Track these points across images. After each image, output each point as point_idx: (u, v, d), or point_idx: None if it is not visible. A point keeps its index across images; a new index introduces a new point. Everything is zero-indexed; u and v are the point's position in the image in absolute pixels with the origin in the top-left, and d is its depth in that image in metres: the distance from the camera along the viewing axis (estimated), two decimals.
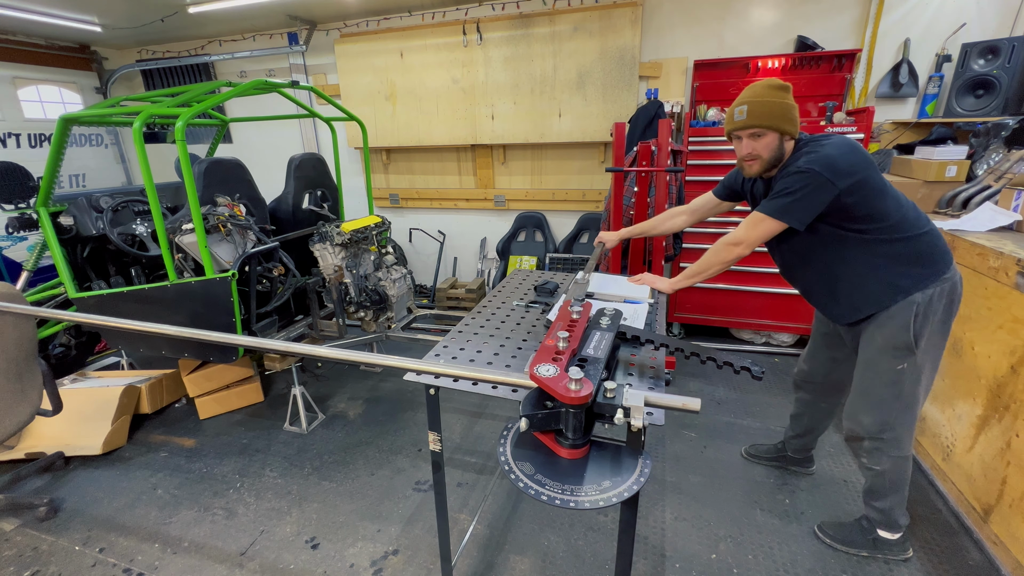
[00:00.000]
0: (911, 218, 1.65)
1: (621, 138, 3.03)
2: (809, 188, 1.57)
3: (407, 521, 2.26)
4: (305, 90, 4.31)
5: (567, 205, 4.55)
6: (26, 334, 2.17)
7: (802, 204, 1.60)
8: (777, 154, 1.68)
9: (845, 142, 1.61)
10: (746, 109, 1.66)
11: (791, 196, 1.60)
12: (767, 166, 1.71)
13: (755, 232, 1.69)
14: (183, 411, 3.26)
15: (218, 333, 1.47)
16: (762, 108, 1.63)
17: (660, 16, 3.83)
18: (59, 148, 2.75)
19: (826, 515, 2.20)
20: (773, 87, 1.66)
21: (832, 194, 1.57)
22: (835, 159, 1.56)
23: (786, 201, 1.61)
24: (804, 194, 1.58)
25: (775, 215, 1.64)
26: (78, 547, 2.20)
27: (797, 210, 1.61)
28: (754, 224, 1.69)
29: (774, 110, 1.63)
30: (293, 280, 3.05)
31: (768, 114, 1.63)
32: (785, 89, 1.66)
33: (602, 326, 1.48)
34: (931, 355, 1.72)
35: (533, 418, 1.12)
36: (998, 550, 1.89)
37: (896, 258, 1.65)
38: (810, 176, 1.57)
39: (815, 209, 1.60)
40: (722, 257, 1.78)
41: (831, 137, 1.66)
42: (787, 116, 1.64)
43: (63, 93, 5.36)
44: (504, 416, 3.07)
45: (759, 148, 1.68)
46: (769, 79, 1.69)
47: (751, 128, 1.66)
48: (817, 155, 1.59)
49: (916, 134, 3.42)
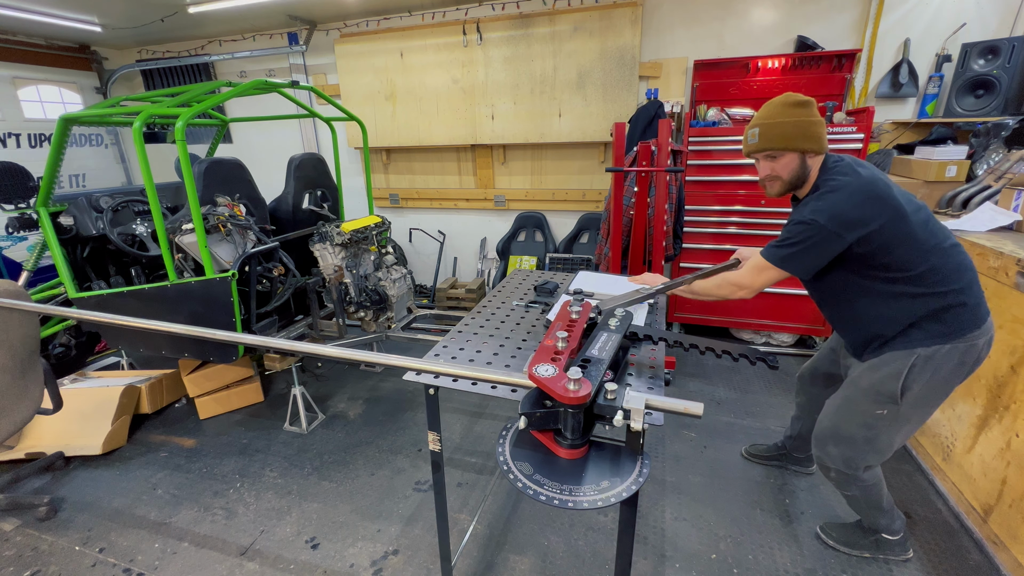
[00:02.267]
0: (943, 271, 1.50)
1: (621, 138, 3.03)
2: (812, 241, 1.51)
3: (407, 521, 2.26)
4: (305, 90, 4.31)
5: (567, 205, 4.55)
6: (31, 332, 2.18)
7: (805, 255, 1.55)
8: (799, 173, 1.61)
9: (864, 186, 1.48)
10: (758, 132, 1.60)
11: (793, 247, 1.55)
12: (789, 187, 1.65)
13: (759, 280, 1.66)
14: (183, 411, 3.26)
15: (219, 331, 1.47)
16: (775, 130, 1.58)
17: (660, 16, 3.83)
18: (59, 148, 2.75)
19: (826, 515, 2.20)
20: (789, 104, 1.58)
21: (840, 246, 1.50)
22: (844, 210, 1.47)
23: (789, 252, 1.57)
24: (807, 246, 1.52)
25: (777, 264, 1.60)
26: (78, 547, 2.20)
27: (799, 261, 1.56)
28: (759, 271, 1.65)
29: (788, 130, 1.56)
30: (293, 280, 3.05)
31: (782, 135, 1.57)
32: (803, 105, 1.57)
33: (610, 327, 1.47)
34: (920, 411, 1.65)
35: (532, 417, 1.12)
36: (998, 550, 1.89)
37: (914, 309, 1.54)
38: (814, 228, 1.49)
39: (820, 260, 1.55)
40: (723, 293, 1.76)
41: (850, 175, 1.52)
42: (805, 134, 1.55)
43: (63, 93, 5.36)
44: (504, 416, 3.07)
45: (778, 169, 1.62)
46: (787, 95, 1.60)
47: (764, 151, 1.62)
48: (826, 203, 1.50)
49: (916, 134, 3.42)
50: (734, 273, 1.75)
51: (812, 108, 1.57)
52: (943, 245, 1.52)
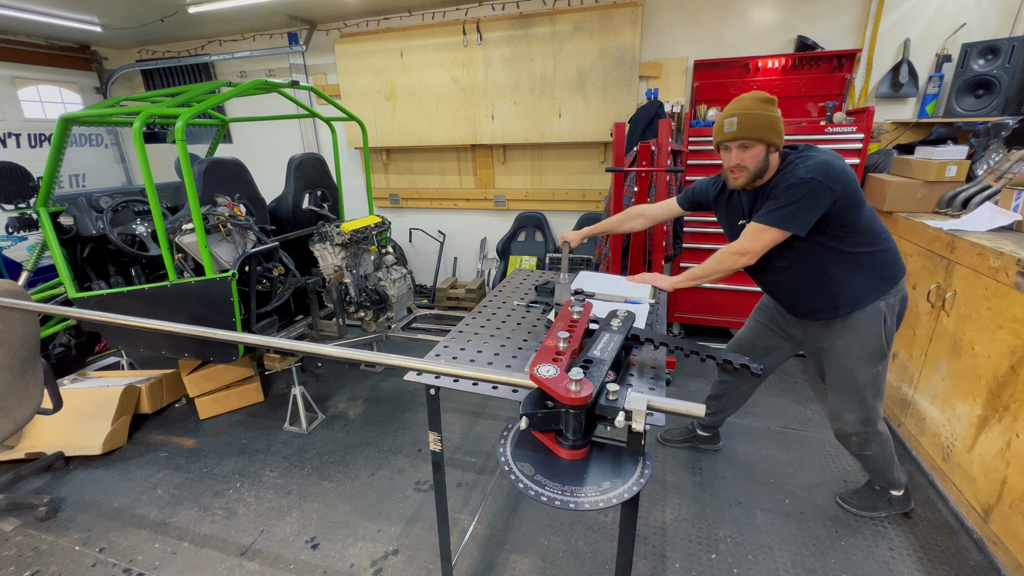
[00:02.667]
0: (878, 230, 1.78)
1: (621, 138, 3.03)
2: (812, 196, 1.63)
3: (407, 521, 2.26)
4: (305, 90, 4.31)
5: (567, 205, 4.55)
6: (31, 332, 2.18)
7: (805, 211, 1.65)
8: (763, 166, 1.73)
9: (833, 154, 1.71)
10: (736, 121, 1.69)
11: (795, 204, 1.65)
12: (752, 177, 1.76)
13: (760, 242, 1.74)
14: (183, 411, 3.26)
15: (219, 331, 1.47)
16: (752, 120, 1.67)
17: (660, 16, 3.83)
18: (59, 148, 2.75)
19: (827, 516, 2.20)
20: (761, 100, 1.70)
21: (830, 200, 1.64)
22: (831, 166, 1.64)
23: (791, 209, 1.66)
24: (807, 201, 1.64)
25: (780, 224, 1.69)
26: (78, 547, 2.20)
27: (800, 217, 1.66)
28: (759, 234, 1.73)
29: (762, 122, 1.67)
30: (293, 280, 3.05)
31: (757, 126, 1.67)
32: (772, 102, 1.71)
33: (613, 328, 1.47)
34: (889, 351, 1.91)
35: (533, 417, 1.12)
36: (998, 550, 1.89)
37: (866, 267, 1.78)
38: (813, 184, 1.62)
39: (816, 215, 1.66)
40: (726, 265, 1.83)
41: (817, 148, 1.74)
42: (775, 128, 1.68)
43: (63, 93, 5.36)
44: (504, 416, 3.07)
45: (746, 159, 1.72)
46: (756, 92, 1.74)
47: (740, 139, 1.70)
48: (815, 162, 1.65)
49: (916, 134, 3.42)
50: (734, 243, 1.81)
51: (776, 106, 1.72)
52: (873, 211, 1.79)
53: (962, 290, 2.19)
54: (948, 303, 2.28)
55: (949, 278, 2.30)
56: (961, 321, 2.18)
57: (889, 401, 2.78)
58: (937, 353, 2.35)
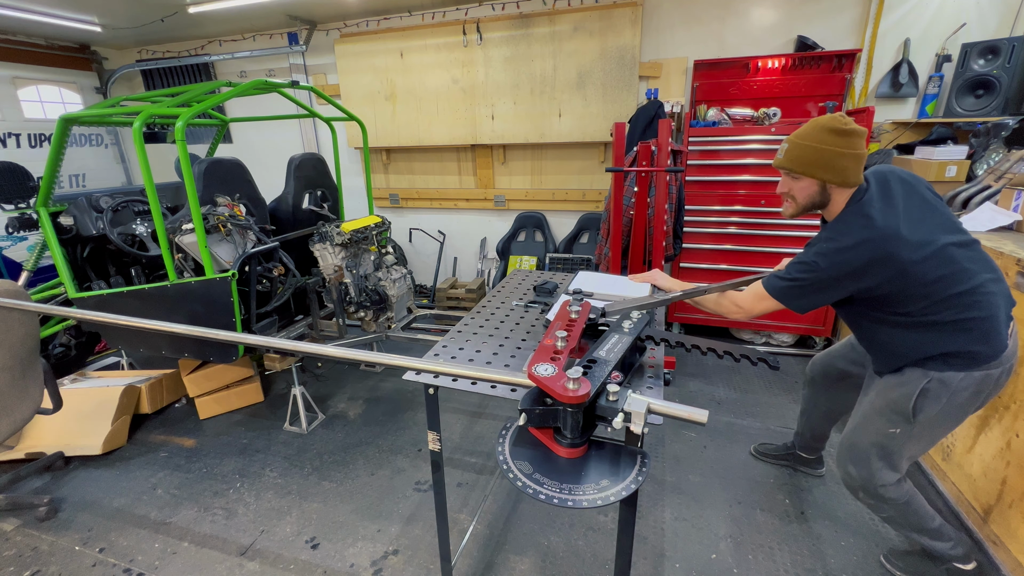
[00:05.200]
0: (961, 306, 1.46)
1: (621, 138, 3.03)
2: (810, 282, 1.52)
3: (407, 521, 2.26)
4: (305, 90, 4.32)
5: (567, 205, 4.55)
6: (31, 332, 2.18)
7: (802, 295, 1.55)
8: (816, 200, 1.57)
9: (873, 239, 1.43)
10: (786, 148, 1.56)
11: (793, 283, 1.55)
12: (802, 210, 1.61)
13: (758, 307, 1.66)
14: (183, 411, 3.26)
15: (219, 331, 1.47)
16: (801, 152, 1.52)
17: (660, 16, 3.83)
18: (59, 148, 2.75)
19: (827, 516, 2.20)
20: (828, 130, 1.49)
21: (841, 292, 1.51)
22: (847, 259, 1.45)
23: (787, 286, 1.56)
24: (804, 286, 1.53)
25: (775, 296, 1.59)
26: (78, 547, 2.20)
27: (796, 298, 1.57)
28: (758, 299, 1.65)
29: (810, 155, 1.50)
30: (293, 280, 3.05)
31: (804, 160, 1.52)
32: (843, 134, 1.47)
33: (624, 329, 1.46)
34: (932, 432, 1.64)
35: (531, 413, 1.12)
36: (998, 550, 1.89)
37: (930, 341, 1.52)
38: (813, 271, 1.50)
39: (818, 301, 1.55)
40: (722, 310, 1.75)
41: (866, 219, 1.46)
42: (829, 165, 1.48)
43: (63, 93, 5.36)
44: (503, 416, 3.07)
45: (795, 190, 1.59)
46: (833, 119, 1.50)
47: (784, 169, 1.59)
48: (832, 246, 1.48)
49: (916, 134, 3.42)
50: (736, 293, 1.73)
51: (852, 139, 1.47)
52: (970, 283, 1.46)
53: None
54: None
55: None
56: None
57: None
58: None
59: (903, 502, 1.74)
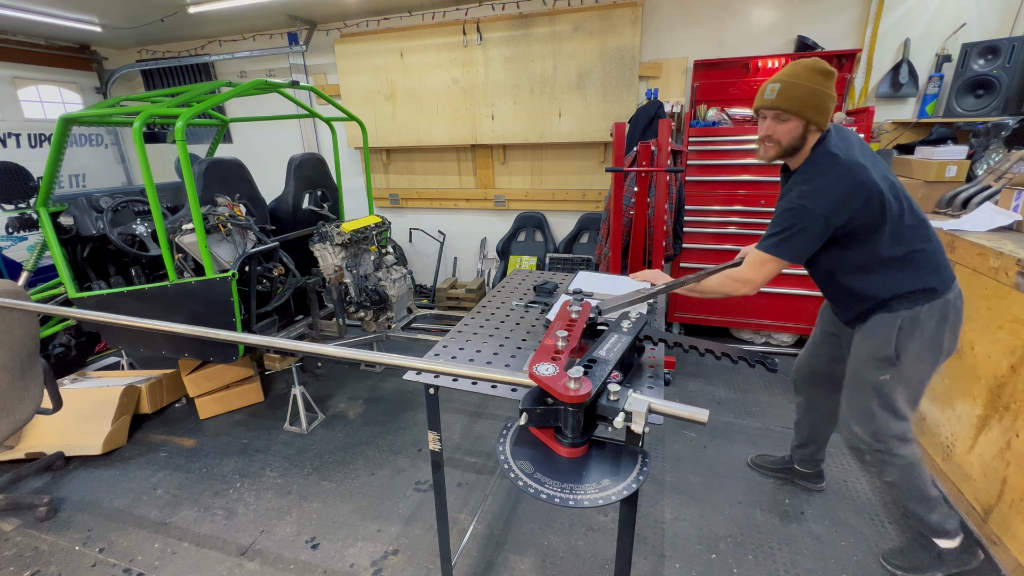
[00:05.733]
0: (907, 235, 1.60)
1: (621, 138, 3.03)
2: (803, 224, 1.55)
3: (407, 521, 2.26)
4: (305, 90, 4.31)
5: (567, 205, 4.55)
6: (30, 331, 2.18)
7: (798, 240, 1.57)
8: (797, 143, 1.61)
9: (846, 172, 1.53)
10: (778, 88, 1.56)
11: (786, 233, 1.58)
12: (782, 153, 1.65)
13: (761, 273, 1.66)
14: (183, 411, 3.26)
15: (219, 331, 1.47)
16: (796, 91, 1.54)
17: (660, 16, 3.84)
18: (59, 148, 2.75)
19: (827, 516, 2.20)
20: (816, 70, 1.54)
21: (828, 228, 1.55)
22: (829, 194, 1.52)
23: (782, 238, 1.59)
24: (798, 230, 1.56)
25: (775, 253, 1.61)
26: (78, 547, 2.20)
27: (794, 246, 1.59)
28: (760, 265, 1.65)
29: (806, 95, 1.53)
30: (293, 280, 3.05)
31: (800, 99, 1.54)
32: (828, 75, 1.54)
33: (623, 329, 1.46)
34: (919, 369, 1.69)
35: (532, 413, 1.12)
36: (998, 550, 1.89)
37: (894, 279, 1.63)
38: (802, 213, 1.54)
39: (812, 243, 1.58)
40: (726, 290, 1.74)
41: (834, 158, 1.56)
42: (820, 106, 1.54)
43: (63, 93, 5.36)
44: (504, 416, 3.07)
45: (780, 133, 1.61)
46: (816, 60, 1.56)
47: (777, 109, 1.58)
48: (811, 187, 1.54)
49: (916, 134, 3.42)
50: (736, 269, 1.74)
51: (832, 81, 1.55)
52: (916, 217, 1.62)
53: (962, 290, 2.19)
54: None
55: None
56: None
57: None
58: None
59: (910, 461, 1.75)
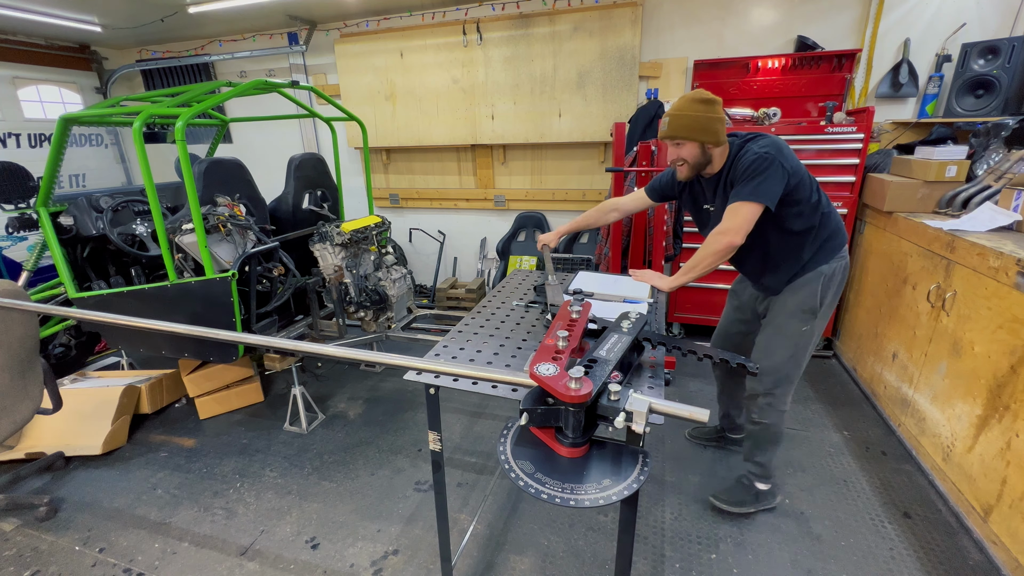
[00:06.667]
0: (823, 201, 1.88)
1: (621, 138, 3.03)
2: (772, 169, 1.73)
3: (407, 521, 2.26)
4: (305, 90, 4.32)
5: (567, 205, 4.55)
6: (30, 332, 2.18)
7: (770, 183, 1.73)
8: (701, 159, 1.86)
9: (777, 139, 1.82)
10: (667, 122, 1.84)
11: (760, 176, 1.73)
12: (694, 169, 1.89)
13: (738, 218, 1.76)
14: (183, 411, 3.26)
15: (219, 331, 1.47)
16: (680, 121, 1.81)
17: (660, 16, 3.84)
18: (59, 148, 2.75)
19: (827, 514, 2.21)
20: (696, 100, 1.81)
21: (786, 176, 1.74)
22: (781, 143, 1.78)
23: (757, 182, 1.73)
24: (769, 174, 1.73)
25: (751, 198, 1.74)
26: (78, 547, 2.20)
27: (766, 189, 1.73)
28: (736, 211, 1.77)
29: (689, 123, 1.80)
30: (293, 280, 3.05)
31: (684, 127, 1.80)
32: (708, 103, 1.80)
33: (623, 329, 1.46)
34: (822, 322, 1.98)
35: (533, 412, 1.12)
36: (998, 550, 1.89)
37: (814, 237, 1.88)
38: (769, 159, 1.73)
39: (780, 188, 1.74)
40: (714, 248, 1.81)
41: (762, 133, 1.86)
42: (706, 128, 1.79)
43: (63, 93, 5.36)
44: (504, 416, 3.07)
45: (683, 154, 1.86)
46: (695, 92, 1.85)
47: (670, 139, 1.86)
48: (765, 141, 1.79)
49: (916, 134, 3.42)
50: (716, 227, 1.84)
51: (715, 106, 1.81)
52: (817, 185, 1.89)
53: (962, 290, 2.19)
54: (948, 303, 2.28)
55: (949, 278, 2.30)
56: (961, 321, 2.18)
57: (889, 401, 2.79)
58: (937, 353, 2.35)
59: (783, 411, 2.07)
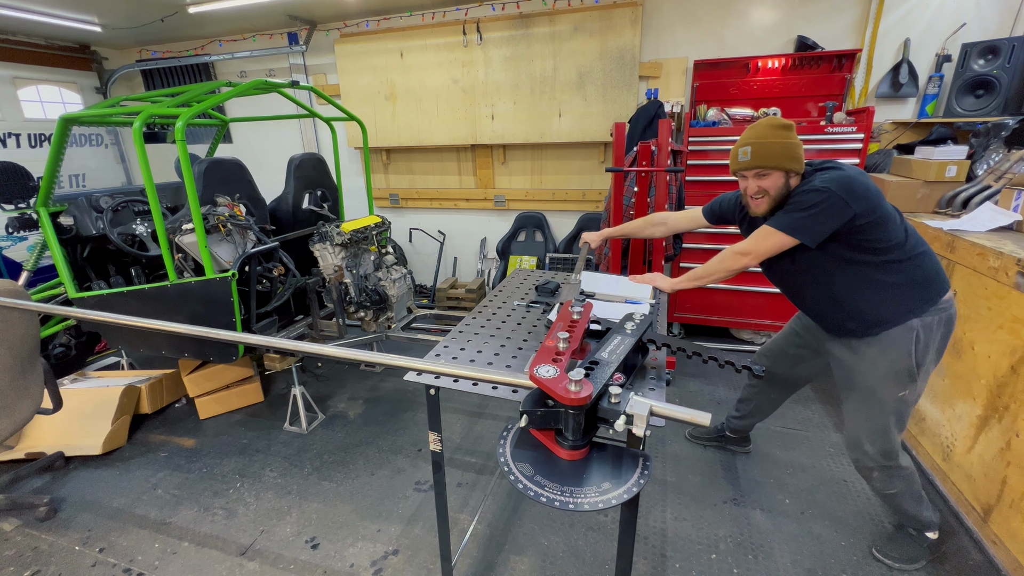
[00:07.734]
0: (911, 244, 1.65)
1: (621, 138, 3.03)
2: (824, 206, 1.56)
3: (407, 521, 2.26)
4: (305, 90, 4.31)
5: (567, 205, 4.55)
6: (31, 331, 2.18)
7: (816, 221, 1.58)
8: (784, 191, 1.68)
9: (857, 169, 1.63)
10: (750, 150, 1.66)
11: (805, 212, 1.59)
12: (774, 203, 1.71)
13: (764, 245, 1.69)
14: (183, 411, 3.26)
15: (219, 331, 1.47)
16: (766, 149, 1.64)
17: (660, 16, 3.83)
18: (59, 148, 2.75)
19: (827, 516, 2.20)
20: (776, 127, 1.66)
21: (847, 215, 1.55)
22: (851, 180, 1.56)
23: (800, 216, 1.60)
24: (819, 211, 1.57)
25: (787, 231, 1.63)
26: (78, 547, 2.20)
27: (811, 227, 1.59)
28: (765, 237, 1.68)
29: (777, 150, 1.63)
30: (293, 280, 3.05)
31: (772, 155, 1.64)
32: (788, 128, 1.66)
33: (626, 331, 1.45)
34: (924, 380, 1.75)
35: (532, 415, 1.12)
36: (998, 550, 1.89)
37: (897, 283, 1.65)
38: (826, 195, 1.56)
39: (829, 228, 1.58)
40: (728, 265, 1.79)
41: (840, 164, 1.67)
42: (791, 155, 1.64)
43: (63, 93, 5.35)
44: (504, 416, 3.07)
45: (766, 185, 1.69)
46: (772, 119, 1.70)
47: (755, 168, 1.67)
48: (833, 175, 1.58)
49: (916, 134, 3.42)
50: (740, 243, 1.77)
51: (794, 131, 1.67)
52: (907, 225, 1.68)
53: (962, 290, 2.19)
54: None
55: (949, 278, 2.30)
56: (961, 321, 2.18)
57: None
58: None
59: (910, 470, 1.83)
